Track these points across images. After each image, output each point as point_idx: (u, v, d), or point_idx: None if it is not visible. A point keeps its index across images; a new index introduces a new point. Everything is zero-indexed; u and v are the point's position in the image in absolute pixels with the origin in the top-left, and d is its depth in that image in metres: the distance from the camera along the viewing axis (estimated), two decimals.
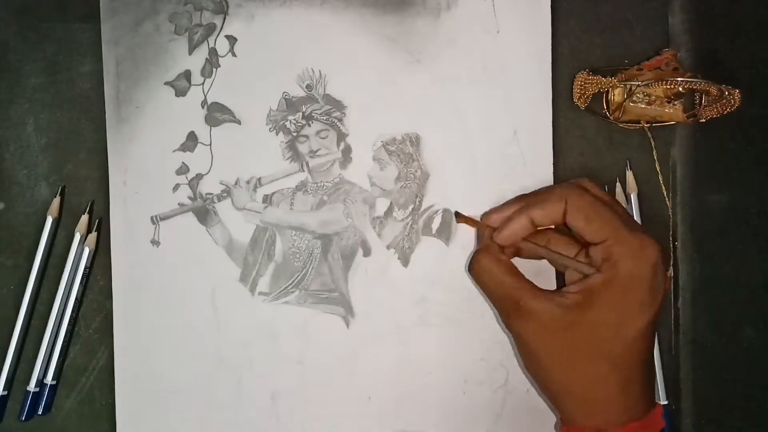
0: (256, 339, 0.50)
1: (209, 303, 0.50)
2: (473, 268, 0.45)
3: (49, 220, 0.50)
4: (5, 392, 0.50)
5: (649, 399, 0.43)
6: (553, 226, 0.46)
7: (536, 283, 0.43)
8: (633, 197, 0.50)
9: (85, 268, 0.50)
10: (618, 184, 0.50)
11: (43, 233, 0.50)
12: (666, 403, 0.49)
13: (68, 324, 0.50)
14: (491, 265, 0.44)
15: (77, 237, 0.50)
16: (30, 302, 0.50)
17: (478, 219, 0.47)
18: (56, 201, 0.50)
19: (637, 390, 0.42)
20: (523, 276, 0.44)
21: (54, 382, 0.50)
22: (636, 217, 0.50)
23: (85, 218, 0.50)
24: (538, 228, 0.45)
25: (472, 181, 0.50)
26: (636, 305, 0.41)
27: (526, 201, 0.45)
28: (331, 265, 0.50)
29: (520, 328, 0.43)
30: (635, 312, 0.41)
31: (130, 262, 0.50)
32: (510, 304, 0.43)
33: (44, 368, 0.50)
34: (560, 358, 0.42)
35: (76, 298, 0.50)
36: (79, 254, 0.50)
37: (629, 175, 0.50)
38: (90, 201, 0.51)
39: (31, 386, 0.49)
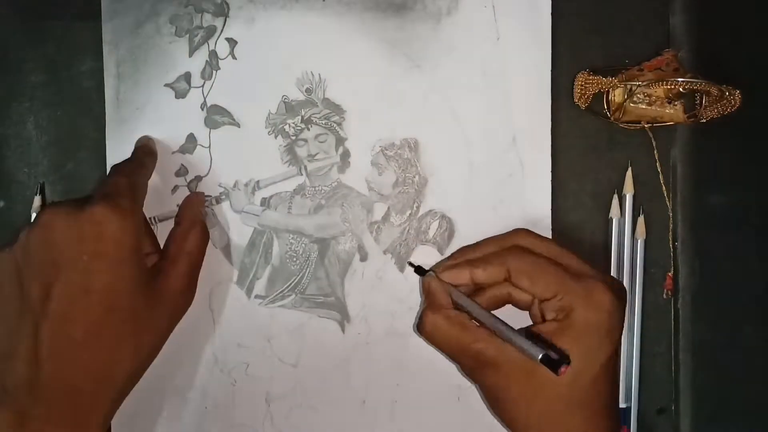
0: (252, 342, 0.50)
1: (205, 305, 0.50)
2: (423, 328, 0.44)
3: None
4: None
5: (615, 425, 0.44)
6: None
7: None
8: (628, 197, 0.50)
9: None
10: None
11: None
12: (625, 406, 0.49)
13: None
14: (442, 322, 0.43)
15: (33, 216, 0.50)
16: None
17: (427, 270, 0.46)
18: (37, 200, 0.51)
19: (602, 422, 0.43)
20: (476, 327, 0.43)
21: None
22: (630, 213, 0.49)
23: (38, 199, 0.51)
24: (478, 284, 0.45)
25: (470, 187, 0.50)
26: (591, 350, 0.41)
27: (470, 255, 0.46)
28: (327, 270, 0.50)
29: (482, 378, 0.44)
30: (591, 357, 0.41)
31: None
32: (469, 359, 0.43)
33: None
34: (523, 401, 0.42)
35: None
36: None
37: (629, 175, 0.50)
38: (40, 182, 0.51)
39: None
